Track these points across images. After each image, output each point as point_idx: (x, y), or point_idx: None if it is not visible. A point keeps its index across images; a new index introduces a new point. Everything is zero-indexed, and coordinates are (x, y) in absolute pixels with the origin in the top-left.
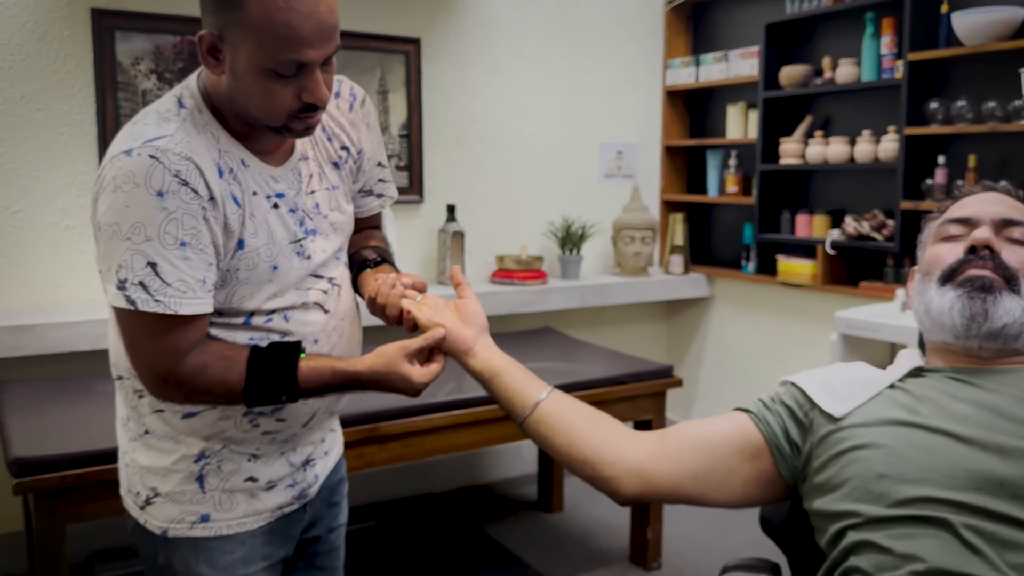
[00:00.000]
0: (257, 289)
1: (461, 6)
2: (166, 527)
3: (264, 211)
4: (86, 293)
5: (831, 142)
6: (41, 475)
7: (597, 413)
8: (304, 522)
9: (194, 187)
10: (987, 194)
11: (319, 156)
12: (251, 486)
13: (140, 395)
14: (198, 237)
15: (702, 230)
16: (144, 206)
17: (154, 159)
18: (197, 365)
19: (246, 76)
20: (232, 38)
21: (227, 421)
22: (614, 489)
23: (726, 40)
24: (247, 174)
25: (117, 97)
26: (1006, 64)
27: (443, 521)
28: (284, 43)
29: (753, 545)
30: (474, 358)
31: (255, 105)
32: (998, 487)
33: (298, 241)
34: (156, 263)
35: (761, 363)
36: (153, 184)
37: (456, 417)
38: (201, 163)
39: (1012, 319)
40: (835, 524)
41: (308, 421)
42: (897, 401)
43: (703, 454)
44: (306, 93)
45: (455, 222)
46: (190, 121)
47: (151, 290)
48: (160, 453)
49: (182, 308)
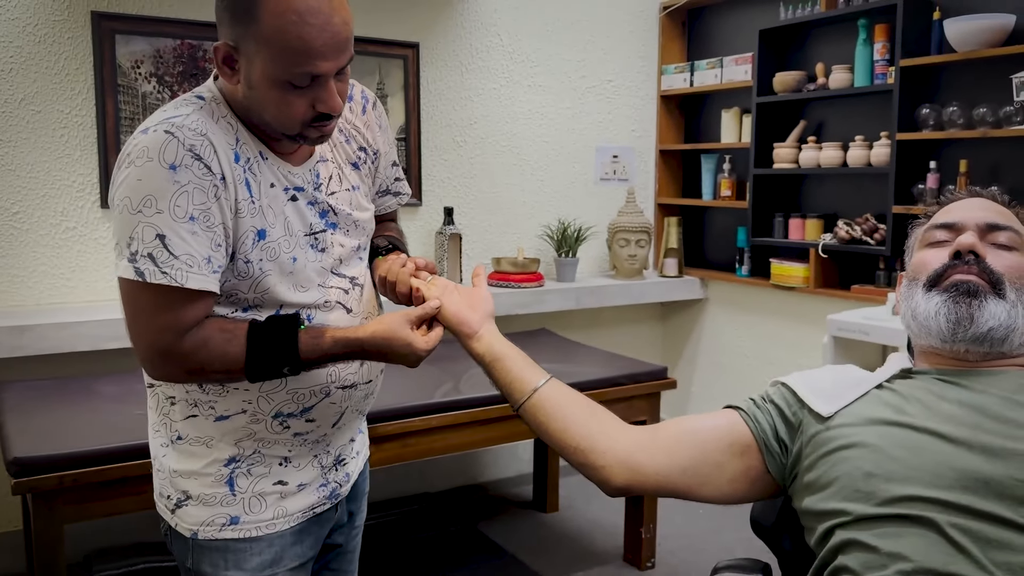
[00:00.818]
0: (280, 281)
1: (459, 11)
2: (196, 529)
3: (281, 203)
4: (85, 294)
5: (824, 147)
6: (40, 475)
7: (593, 404)
8: (334, 521)
9: (207, 163)
10: (973, 200)
11: (338, 158)
12: (281, 489)
13: (172, 401)
14: (207, 214)
15: (696, 233)
16: (156, 179)
17: (168, 134)
18: (198, 340)
19: (261, 86)
20: (247, 50)
21: (258, 424)
22: (604, 478)
23: (720, 46)
24: (264, 166)
25: (117, 100)
26: (997, 70)
27: (439, 520)
28: (298, 56)
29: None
30: (478, 341)
31: (270, 114)
32: (984, 486)
33: (314, 234)
34: (165, 235)
35: (754, 364)
36: (166, 157)
37: (453, 418)
38: (216, 142)
39: (997, 323)
40: (824, 523)
41: (337, 421)
42: (885, 401)
43: (692, 448)
44: (320, 103)
45: (453, 224)
46: (208, 110)
47: (159, 262)
48: (192, 457)
49: (188, 281)
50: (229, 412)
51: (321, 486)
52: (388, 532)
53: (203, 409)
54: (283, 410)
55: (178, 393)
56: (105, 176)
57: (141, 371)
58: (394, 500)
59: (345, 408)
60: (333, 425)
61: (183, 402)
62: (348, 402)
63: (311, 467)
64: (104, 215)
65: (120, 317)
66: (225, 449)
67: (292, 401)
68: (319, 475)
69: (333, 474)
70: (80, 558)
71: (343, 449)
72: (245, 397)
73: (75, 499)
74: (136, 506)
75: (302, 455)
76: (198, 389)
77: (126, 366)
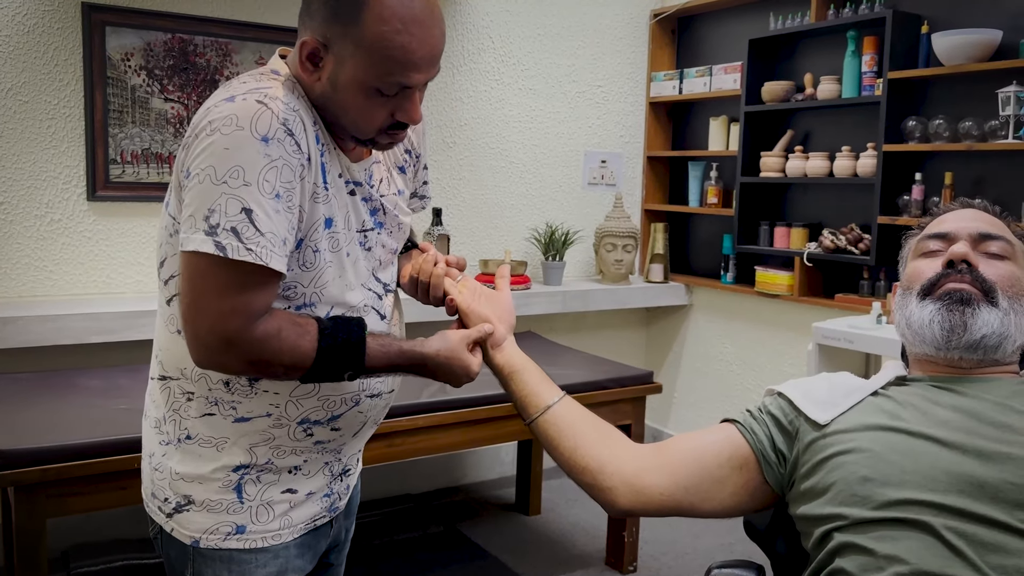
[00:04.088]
0: (337, 276)
1: (451, 13)
2: (198, 537)
3: (344, 195)
4: (70, 287)
5: (811, 157)
6: (23, 468)
7: (602, 424)
8: (330, 537)
9: (298, 140)
10: (965, 211)
11: (388, 161)
12: (290, 497)
13: (188, 397)
14: (291, 194)
15: (682, 239)
16: (246, 150)
17: (261, 104)
18: (272, 328)
19: (346, 90)
20: (340, 51)
21: (280, 429)
22: (610, 500)
23: (710, 54)
24: (334, 155)
25: (106, 92)
26: (983, 84)
27: (421, 522)
28: (395, 65)
29: (728, 549)
30: (501, 353)
31: (348, 118)
32: (978, 490)
33: (364, 231)
34: (252, 210)
35: (737, 370)
36: (259, 128)
37: (440, 418)
38: (305, 121)
39: (990, 330)
40: (821, 527)
41: (359, 430)
42: (880, 407)
43: (694, 466)
44: (401, 112)
45: (441, 225)
46: (288, 86)
47: (243, 237)
48: (199, 460)
49: (272, 261)
50: (252, 414)
51: (325, 496)
52: (369, 533)
53: (223, 408)
54: (310, 417)
55: (198, 389)
56: (92, 169)
57: (126, 365)
58: (375, 501)
59: (369, 418)
60: (354, 434)
61: (202, 399)
62: (372, 412)
63: (321, 475)
64: (90, 208)
65: (105, 311)
66: (236, 455)
67: (321, 408)
68: (326, 484)
69: (337, 484)
70: (58, 554)
71: (351, 459)
72: (273, 400)
73: (57, 493)
74: (119, 502)
75: (315, 463)
76: (223, 387)
77: (110, 360)
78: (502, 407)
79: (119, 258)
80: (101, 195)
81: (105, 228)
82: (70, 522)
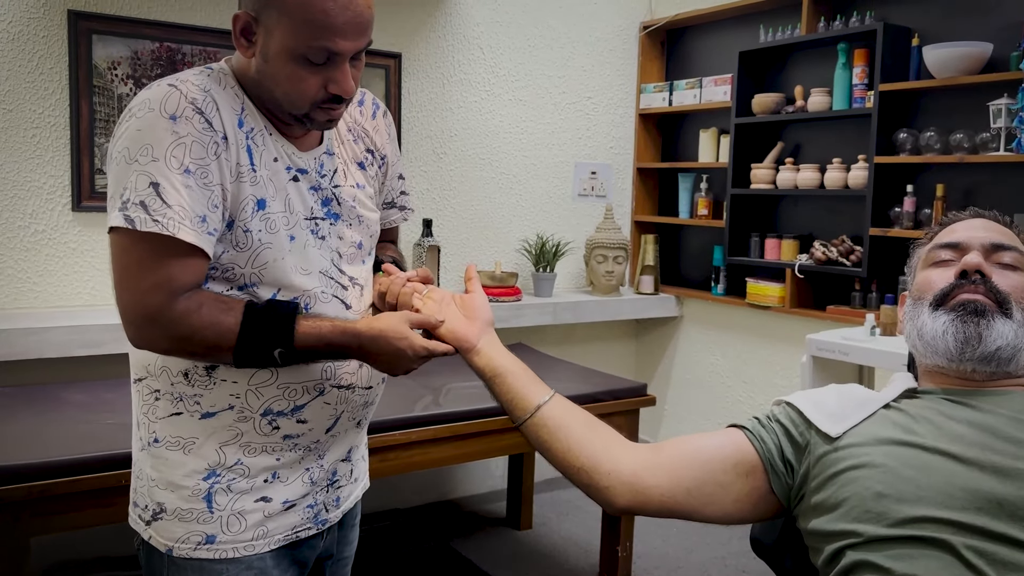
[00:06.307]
0: (279, 257)
1: (442, 23)
2: (171, 545)
3: (283, 180)
4: (54, 299)
5: (801, 169)
6: (6, 485)
7: (595, 421)
8: (318, 550)
9: (208, 118)
10: (975, 220)
11: (344, 155)
12: (264, 507)
13: (156, 396)
14: (204, 171)
15: (672, 251)
16: (155, 129)
17: (172, 87)
18: (192, 304)
19: (276, 60)
20: (267, 20)
21: (245, 423)
22: (608, 499)
23: (700, 66)
24: (268, 140)
25: (92, 101)
26: (974, 97)
27: (411, 537)
28: (319, 30)
29: (722, 563)
30: (477, 355)
31: (281, 90)
32: (997, 507)
33: (314, 219)
34: (159, 183)
35: (728, 382)
36: (167, 108)
37: (433, 432)
38: (219, 102)
39: (1005, 342)
40: (833, 543)
41: (332, 427)
42: (893, 421)
43: (697, 468)
44: (333, 84)
45: (431, 236)
46: (215, 77)
47: (151, 209)
48: (166, 465)
49: (180, 232)
50: (216, 408)
51: (308, 507)
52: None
53: (188, 404)
54: (273, 407)
55: (162, 385)
56: (78, 179)
57: (112, 379)
58: (365, 516)
59: (341, 412)
60: (327, 431)
61: (167, 397)
62: (344, 406)
63: (300, 483)
64: (75, 218)
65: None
66: (205, 456)
67: (283, 397)
68: (308, 492)
69: (323, 494)
70: (39, 573)
71: (339, 466)
72: (232, 391)
73: (43, 511)
74: (105, 519)
75: (291, 465)
76: (183, 380)
77: (95, 374)
78: (494, 420)
79: (104, 269)
80: (86, 206)
81: (90, 239)
82: (53, 539)
